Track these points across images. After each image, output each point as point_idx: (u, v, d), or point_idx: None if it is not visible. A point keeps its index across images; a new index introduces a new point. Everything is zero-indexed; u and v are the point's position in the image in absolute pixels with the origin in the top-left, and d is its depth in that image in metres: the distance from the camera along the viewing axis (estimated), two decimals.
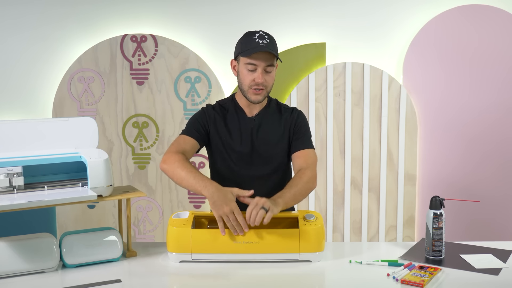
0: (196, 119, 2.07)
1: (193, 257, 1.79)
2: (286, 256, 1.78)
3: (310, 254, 1.79)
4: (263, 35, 1.95)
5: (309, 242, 1.78)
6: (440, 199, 1.84)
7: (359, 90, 3.21)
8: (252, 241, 1.76)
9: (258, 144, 2.05)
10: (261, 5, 3.24)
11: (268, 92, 2.02)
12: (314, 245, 1.79)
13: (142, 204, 3.34)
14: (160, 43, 3.23)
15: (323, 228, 1.81)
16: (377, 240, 3.28)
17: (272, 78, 2.00)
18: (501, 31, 3.16)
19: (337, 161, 3.25)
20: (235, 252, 1.77)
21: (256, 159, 2.05)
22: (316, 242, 1.79)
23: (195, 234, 1.78)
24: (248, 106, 2.07)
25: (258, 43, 1.92)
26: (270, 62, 1.95)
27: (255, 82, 1.95)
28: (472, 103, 3.22)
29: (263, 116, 2.07)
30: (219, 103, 2.13)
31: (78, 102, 3.26)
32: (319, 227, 1.79)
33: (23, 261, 1.69)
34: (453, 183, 3.25)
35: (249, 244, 1.76)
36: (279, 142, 2.06)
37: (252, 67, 1.95)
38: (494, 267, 1.74)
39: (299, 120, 2.09)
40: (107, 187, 1.83)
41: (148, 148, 3.30)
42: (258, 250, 1.77)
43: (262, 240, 1.77)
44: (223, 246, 1.77)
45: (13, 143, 1.89)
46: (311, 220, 1.82)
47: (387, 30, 3.24)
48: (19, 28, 3.26)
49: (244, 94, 2.02)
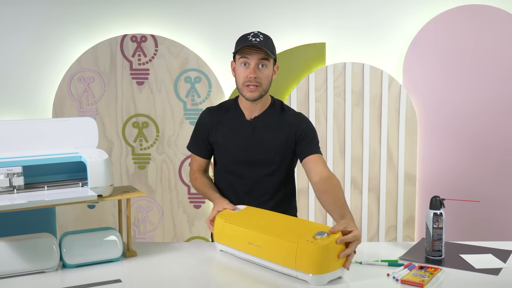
0: (197, 132, 2.17)
1: (221, 248, 1.88)
2: (284, 269, 1.64)
3: (306, 274, 1.57)
4: (258, 34, 1.99)
5: (306, 261, 1.56)
6: (440, 199, 1.84)
7: (359, 90, 3.21)
8: (260, 244, 1.70)
9: (254, 147, 2.05)
10: (261, 5, 3.24)
11: (265, 90, 2.01)
12: (311, 266, 1.55)
13: (142, 204, 3.34)
14: (160, 43, 3.23)
15: (330, 248, 1.56)
16: (377, 240, 3.28)
17: (266, 76, 1.99)
18: (501, 31, 3.16)
19: (337, 161, 3.25)
20: (248, 252, 1.75)
21: (252, 161, 2.06)
22: (314, 263, 1.55)
23: (226, 226, 1.83)
24: (249, 108, 2.07)
25: (251, 40, 1.96)
26: (262, 57, 1.97)
27: (248, 78, 1.97)
28: (471, 103, 3.22)
29: (262, 119, 2.07)
30: (220, 105, 2.16)
31: (78, 102, 3.26)
32: (322, 246, 1.54)
33: (23, 261, 1.69)
34: (453, 183, 3.25)
35: (258, 247, 1.71)
36: (277, 145, 2.06)
37: (244, 61, 1.98)
38: (494, 267, 1.74)
39: (304, 125, 2.07)
40: (107, 187, 1.83)
41: (148, 148, 3.30)
42: (263, 256, 1.70)
43: (265, 246, 1.68)
44: (241, 243, 1.78)
45: (13, 143, 1.89)
46: (318, 238, 1.57)
47: (387, 30, 3.24)
48: (19, 28, 3.26)
49: (240, 92, 2.03)
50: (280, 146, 2.06)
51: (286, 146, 2.06)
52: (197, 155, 2.18)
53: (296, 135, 2.05)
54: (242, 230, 1.77)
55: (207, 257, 1.88)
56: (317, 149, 2.05)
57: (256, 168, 2.06)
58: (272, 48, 2.01)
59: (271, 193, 2.07)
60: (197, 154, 2.18)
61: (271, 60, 2.00)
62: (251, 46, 1.95)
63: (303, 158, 2.04)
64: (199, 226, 3.33)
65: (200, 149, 2.17)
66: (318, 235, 1.58)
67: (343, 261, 1.60)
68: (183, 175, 3.31)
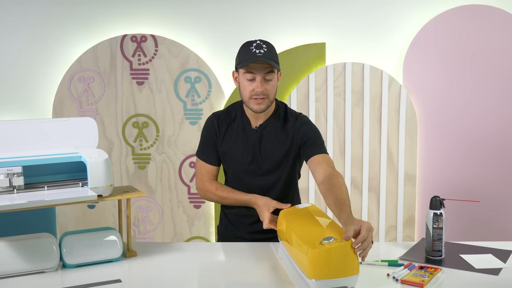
0: (205, 139, 2.12)
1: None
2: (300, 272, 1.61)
3: (309, 279, 1.52)
4: (261, 44, 1.93)
5: (308, 265, 1.52)
6: (440, 199, 1.84)
7: (359, 90, 3.21)
8: (291, 243, 1.72)
9: (261, 155, 2.05)
10: (261, 5, 3.24)
11: (271, 101, 2.00)
12: (311, 271, 1.50)
13: (142, 204, 3.34)
14: (160, 43, 3.23)
15: (332, 254, 1.49)
16: (377, 240, 3.28)
17: (273, 87, 1.97)
18: (501, 31, 3.16)
19: (337, 161, 3.25)
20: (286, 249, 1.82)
21: (259, 169, 2.06)
22: (314, 268, 1.50)
23: (280, 222, 1.87)
24: (254, 115, 2.05)
25: (255, 53, 1.91)
26: (268, 70, 1.93)
27: (254, 92, 1.94)
28: (471, 103, 3.22)
29: (266, 126, 2.06)
30: (226, 111, 2.12)
31: (78, 102, 3.26)
32: (324, 251, 1.49)
33: (23, 261, 1.69)
34: (453, 183, 3.25)
35: (289, 245, 1.77)
36: (282, 152, 2.05)
37: (251, 77, 1.94)
38: (494, 267, 1.74)
39: (305, 129, 2.05)
40: (107, 187, 1.83)
41: (148, 148, 3.30)
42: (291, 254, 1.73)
43: (292, 245, 1.70)
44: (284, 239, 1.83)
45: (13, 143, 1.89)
46: (325, 242, 1.53)
47: (387, 30, 3.24)
48: (19, 28, 3.26)
49: (246, 104, 2.01)
50: (285, 153, 2.05)
51: (291, 152, 2.05)
52: (208, 163, 2.12)
53: (299, 140, 2.04)
54: (286, 226, 1.79)
55: (207, 257, 1.89)
56: (321, 149, 2.02)
57: (264, 176, 2.06)
58: (276, 58, 1.98)
59: (279, 198, 2.07)
60: (208, 163, 2.12)
61: (276, 70, 1.98)
62: (256, 60, 1.90)
63: (307, 160, 2.03)
64: (199, 226, 3.33)
65: (211, 157, 2.11)
66: (325, 240, 1.53)
67: (353, 268, 1.51)
68: (183, 175, 3.31)
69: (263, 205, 1.97)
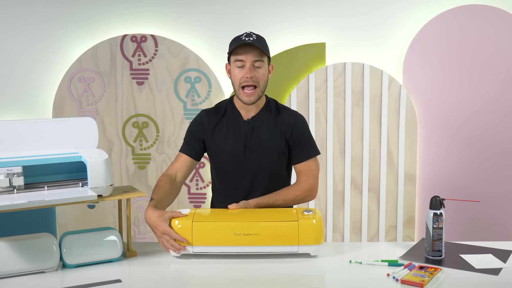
0: (190, 131, 2.13)
1: (193, 250, 1.80)
2: (285, 248, 1.80)
3: (309, 246, 1.80)
4: (250, 34, 2.00)
5: (308, 234, 1.79)
6: (440, 199, 1.84)
7: (359, 90, 3.21)
8: (251, 232, 1.78)
9: (253, 147, 2.06)
10: (261, 5, 3.24)
11: (262, 91, 2.02)
12: (313, 238, 1.80)
13: (142, 204, 3.34)
14: (160, 43, 3.23)
15: (321, 221, 1.83)
16: (377, 240, 3.28)
17: (262, 75, 2.00)
18: (501, 31, 3.16)
19: (337, 161, 3.25)
20: (235, 244, 1.79)
21: (251, 161, 2.06)
22: (315, 235, 1.80)
23: (196, 227, 1.79)
24: (245, 108, 2.07)
25: (244, 40, 1.97)
26: (258, 58, 1.98)
27: (244, 78, 1.97)
28: (471, 103, 3.22)
29: (258, 118, 2.08)
30: (216, 107, 2.15)
31: (78, 102, 3.26)
32: (318, 219, 1.81)
33: (23, 261, 1.69)
34: (453, 183, 3.25)
35: (248, 236, 1.78)
36: (274, 144, 2.06)
37: (241, 64, 1.98)
38: (494, 267, 1.74)
39: (297, 127, 2.07)
40: (107, 187, 1.83)
41: (148, 148, 3.30)
42: (258, 242, 1.78)
43: (261, 231, 1.78)
44: (223, 238, 1.79)
45: (13, 143, 1.89)
46: (309, 214, 1.83)
47: (387, 30, 3.24)
48: (19, 28, 3.26)
49: (237, 95, 2.04)
50: (278, 145, 2.06)
51: (284, 144, 2.07)
52: (183, 152, 2.10)
53: (292, 135, 2.06)
54: (222, 224, 1.80)
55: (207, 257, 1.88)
56: (310, 153, 2.08)
57: (257, 167, 2.06)
58: (266, 46, 2.02)
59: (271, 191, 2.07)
60: (184, 152, 2.10)
61: (266, 60, 2.01)
62: (244, 44, 1.96)
63: (294, 164, 2.11)
64: None
65: (190, 148, 2.10)
66: (306, 212, 1.84)
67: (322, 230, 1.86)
68: None
69: (157, 217, 1.82)
